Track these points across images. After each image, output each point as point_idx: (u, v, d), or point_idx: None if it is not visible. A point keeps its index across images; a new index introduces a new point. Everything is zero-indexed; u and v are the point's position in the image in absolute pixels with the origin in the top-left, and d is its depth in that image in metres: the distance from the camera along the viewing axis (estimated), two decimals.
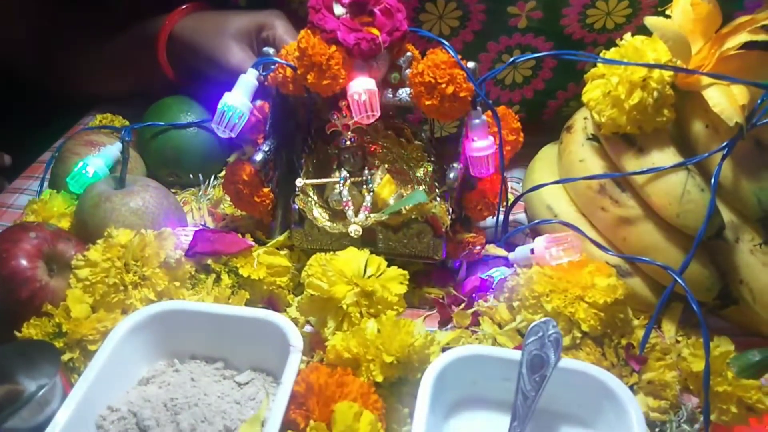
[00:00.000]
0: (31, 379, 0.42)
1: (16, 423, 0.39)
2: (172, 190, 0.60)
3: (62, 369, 0.42)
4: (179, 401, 0.42)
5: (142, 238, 0.49)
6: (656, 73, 0.48)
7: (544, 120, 0.69)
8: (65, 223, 0.54)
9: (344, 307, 0.47)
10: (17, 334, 0.46)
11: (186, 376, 0.45)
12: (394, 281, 0.48)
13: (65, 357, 0.45)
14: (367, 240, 0.53)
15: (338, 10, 0.49)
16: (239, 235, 0.54)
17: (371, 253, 0.50)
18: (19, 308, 0.46)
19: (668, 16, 0.51)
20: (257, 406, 0.43)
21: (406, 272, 0.49)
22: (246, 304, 0.50)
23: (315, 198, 0.54)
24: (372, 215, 0.52)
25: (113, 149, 0.58)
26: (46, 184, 0.62)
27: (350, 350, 0.44)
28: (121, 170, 0.54)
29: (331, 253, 0.50)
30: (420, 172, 0.55)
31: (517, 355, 0.42)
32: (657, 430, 0.45)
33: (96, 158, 0.57)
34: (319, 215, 0.54)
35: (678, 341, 0.51)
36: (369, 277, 0.48)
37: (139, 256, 0.48)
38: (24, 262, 0.47)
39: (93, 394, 0.41)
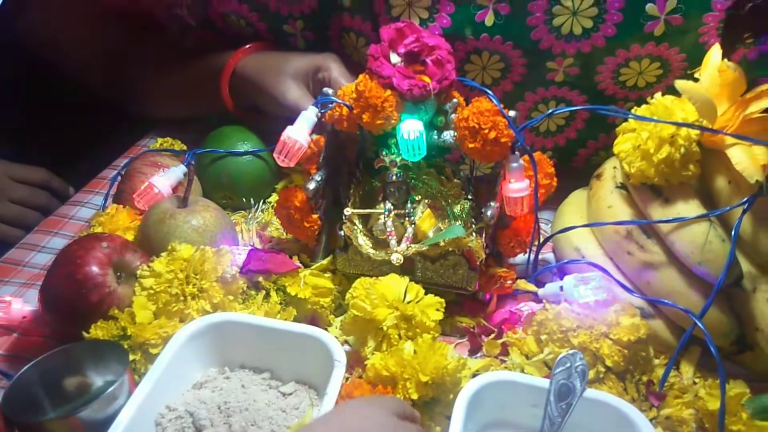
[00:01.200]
0: (101, 375, 0.46)
1: (87, 414, 0.43)
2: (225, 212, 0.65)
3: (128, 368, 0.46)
4: (231, 405, 0.46)
5: (203, 253, 0.53)
6: (684, 131, 0.52)
7: (573, 166, 0.73)
8: (129, 236, 0.59)
9: (384, 328, 0.51)
10: (85, 334, 0.50)
11: (237, 383, 0.48)
12: (431, 307, 0.52)
13: (129, 358, 0.49)
14: (407, 269, 0.57)
15: (394, 58, 0.54)
16: (287, 257, 0.58)
17: (410, 281, 0.54)
18: (89, 311, 0.51)
19: (696, 79, 0.55)
20: (301, 415, 0.47)
21: (442, 300, 0.53)
22: (293, 320, 0.54)
23: (360, 226, 0.59)
24: (413, 245, 0.56)
25: (177, 171, 0.63)
26: (110, 199, 0.68)
27: (389, 369, 0.48)
28: (186, 191, 0.59)
29: (374, 278, 0.54)
30: (457, 209, 0.59)
31: (545, 383, 0.46)
32: None
33: (161, 178, 0.62)
34: (364, 242, 0.58)
35: (695, 382, 0.53)
36: (408, 302, 0.52)
37: (198, 270, 0.53)
38: (95, 269, 0.52)
39: (154, 394, 0.45)
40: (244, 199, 0.69)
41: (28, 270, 0.65)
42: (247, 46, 0.73)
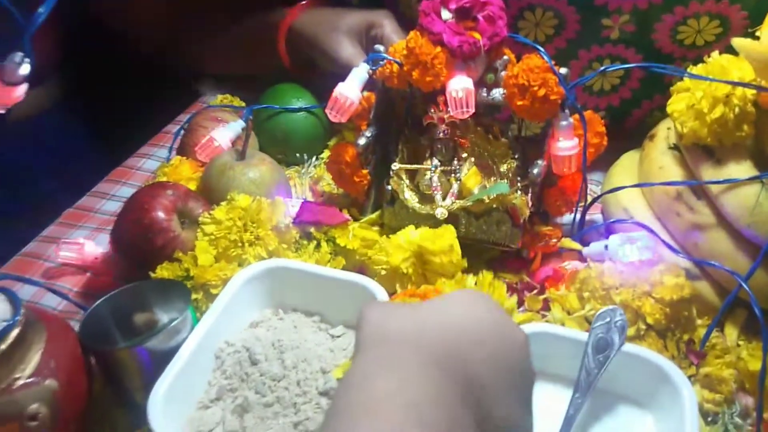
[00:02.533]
0: (165, 311, 0.50)
1: (153, 344, 0.47)
2: None
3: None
4: (284, 342, 0.49)
5: (259, 203, 0.56)
6: (739, 90, 0.51)
7: (626, 127, 0.72)
8: (192, 186, 0.63)
9: (404, 270, 0.53)
10: (151, 274, 0.54)
11: (289, 323, 0.52)
12: (447, 247, 0.54)
13: (192, 297, 0.53)
14: (450, 223, 0.58)
15: (445, 14, 0.55)
16: (338, 210, 0.61)
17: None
18: (155, 253, 0.55)
19: (757, 38, 0.54)
20: (348, 355, 0.50)
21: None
22: (342, 269, 0.56)
23: (407, 181, 0.60)
24: (458, 201, 0.58)
25: (235, 126, 0.66)
26: (173, 152, 0.71)
27: None
28: (243, 144, 0.62)
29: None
30: (504, 168, 0.60)
31: (583, 336, 0.47)
32: (710, 419, 0.48)
33: (221, 132, 0.65)
34: (410, 197, 0.59)
35: (739, 344, 0.53)
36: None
37: (255, 218, 0.56)
38: (161, 215, 0.55)
39: (214, 330, 0.49)
40: (297, 155, 0.72)
41: (99, 216, 0.70)
42: (303, 2, 0.74)
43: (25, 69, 0.39)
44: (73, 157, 0.99)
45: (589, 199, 0.62)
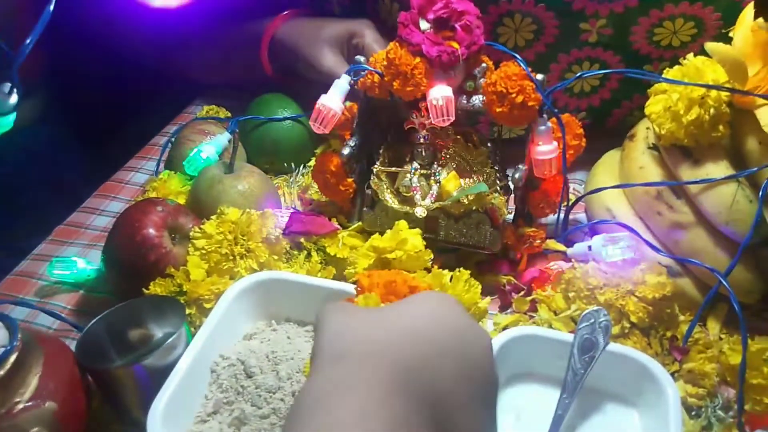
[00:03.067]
0: (160, 327, 0.51)
1: (150, 362, 0.47)
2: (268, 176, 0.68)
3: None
4: (279, 354, 0.50)
5: (249, 216, 0.57)
6: (714, 92, 0.52)
7: (608, 127, 0.74)
8: (181, 200, 0.63)
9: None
10: (145, 291, 0.55)
11: (283, 334, 0.53)
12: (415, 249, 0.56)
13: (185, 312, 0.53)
14: (430, 228, 0.59)
15: (423, 25, 0.56)
16: (327, 219, 0.62)
17: (434, 241, 0.57)
18: (147, 269, 0.55)
19: (730, 38, 0.55)
20: None
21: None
22: (332, 278, 0.57)
23: (387, 183, 0.61)
24: (436, 202, 0.59)
25: (222, 138, 0.67)
26: (161, 165, 0.72)
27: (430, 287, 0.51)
28: (231, 157, 0.62)
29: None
30: (483, 177, 0.61)
31: (570, 337, 0.48)
32: (693, 413, 0.50)
33: (208, 145, 0.66)
34: (390, 198, 0.60)
35: (721, 338, 0.55)
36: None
37: (245, 231, 0.57)
38: (152, 231, 0.56)
39: (209, 344, 0.50)
40: (285, 164, 0.72)
41: (90, 232, 0.71)
42: (285, 12, 0.75)
43: (13, 99, 0.39)
44: (60, 168, 0.99)
45: (573, 198, 0.64)
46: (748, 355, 0.48)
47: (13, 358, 0.43)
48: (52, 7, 0.39)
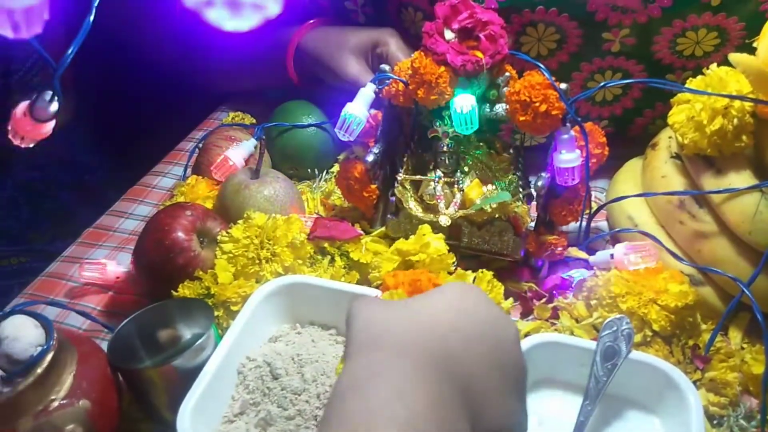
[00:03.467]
0: (189, 329, 0.52)
1: (179, 363, 0.49)
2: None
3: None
4: (304, 356, 0.51)
5: (275, 221, 0.58)
6: (737, 102, 0.52)
7: (630, 135, 0.74)
8: (208, 204, 0.65)
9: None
10: (173, 293, 0.56)
11: (307, 337, 0.54)
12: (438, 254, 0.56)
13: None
14: (453, 235, 0.60)
15: (448, 35, 0.57)
16: (350, 224, 0.63)
17: (457, 248, 0.58)
18: (176, 272, 0.57)
19: (754, 49, 0.55)
20: None
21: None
22: (356, 283, 0.58)
23: (411, 192, 0.62)
24: (460, 210, 0.60)
25: (248, 144, 0.68)
26: (189, 170, 0.74)
27: None
28: (257, 163, 0.64)
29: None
30: (504, 184, 0.61)
31: (592, 345, 0.49)
32: (715, 422, 0.50)
33: (235, 151, 0.67)
34: (414, 206, 0.61)
35: (743, 348, 0.55)
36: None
37: (271, 236, 0.58)
38: (182, 235, 0.57)
39: (236, 346, 0.51)
40: (309, 170, 0.74)
41: (119, 235, 0.72)
42: (312, 21, 0.76)
43: (54, 107, 0.41)
44: (89, 172, 1.01)
45: (594, 206, 0.64)
46: None
47: (49, 357, 0.44)
48: (91, 18, 0.40)
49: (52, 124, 0.43)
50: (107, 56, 0.96)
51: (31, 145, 0.43)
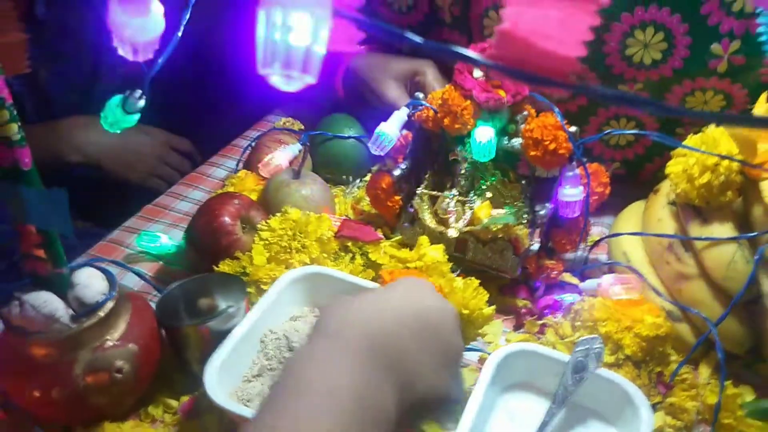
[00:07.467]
0: (225, 299, 0.61)
1: (213, 325, 0.57)
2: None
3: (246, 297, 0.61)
4: None
5: (308, 217, 0.67)
6: (726, 162, 0.59)
7: (641, 178, 0.80)
8: (254, 196, 0.74)
9: None
10: (215, 268, 0.66)
11: None
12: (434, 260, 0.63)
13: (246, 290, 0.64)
14: (459, 248, 0.68)
15: (477, 73, 0.65)
16: (373, 229, 0.71)
17: (462, 260, 0.65)
18: (220, 251, 0.66)
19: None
20: None
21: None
22: (371, 280, 0.66)
23: (428, 205, 0.70)
24: (468, 227, 0.67)
25: (294, 148, 0.78)
26: (240, 164, 0.83)
27: (441, 289, 0.59)
28: (299, 165, 0.73)
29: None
30: (513, 209, 0.68)
31: (566, 358, 0.56)
32: None
33: (281, 153, 0.77)
34: (428, 218, 0.69)
35: (709, 383, 0.61)
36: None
37: (303, 230, 0.66)
38: (228, 219, 0.67)
39: (261, 319, 0.59)
40: (344, 176, 0.82)
41: (174, 214, 0.82)
42: (360, 46, 0.85)
43: (141, 103, 0.51)
44: None
45: (596, 238, 0.71)
46: (723, 398, 0.54)
47: (110, 304, 0.54)
48: (180, 34, 0.50)
49: (137, 116, 0.52)
50: (176, 59, 1.07)
51: (119, 132, 0.53)
